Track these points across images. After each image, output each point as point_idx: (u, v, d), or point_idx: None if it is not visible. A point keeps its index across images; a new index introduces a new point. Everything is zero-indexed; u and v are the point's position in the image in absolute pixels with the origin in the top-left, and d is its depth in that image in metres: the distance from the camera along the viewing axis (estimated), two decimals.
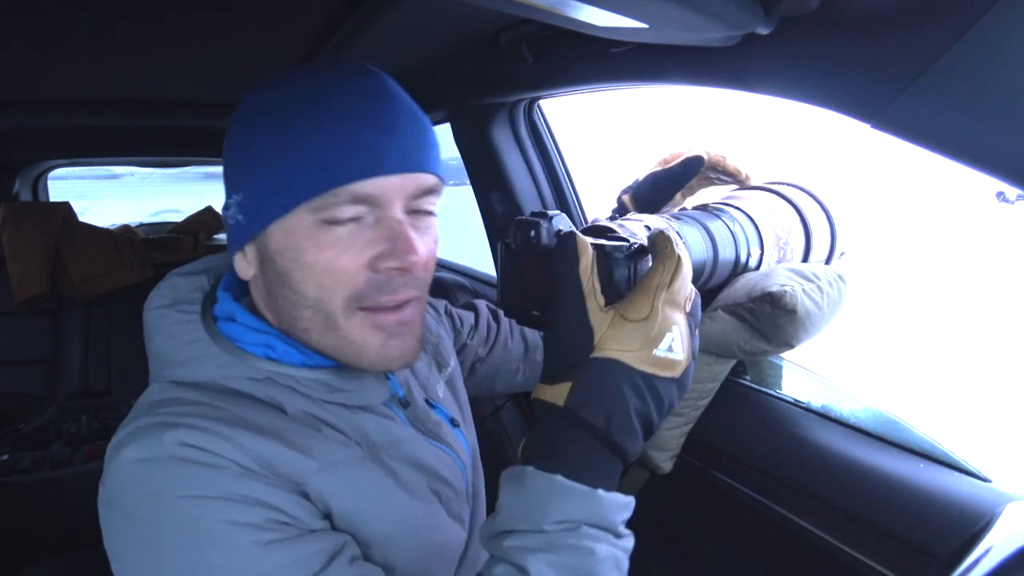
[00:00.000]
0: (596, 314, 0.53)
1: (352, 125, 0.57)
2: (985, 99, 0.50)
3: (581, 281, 0.54)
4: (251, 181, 0.59)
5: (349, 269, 0.58)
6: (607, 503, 0.50)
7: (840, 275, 0.96)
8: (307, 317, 0.61)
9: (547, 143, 1.46)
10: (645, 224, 0.86)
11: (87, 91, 1.47)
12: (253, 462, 0.55)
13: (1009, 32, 0.47)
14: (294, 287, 0.60)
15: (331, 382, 0.64)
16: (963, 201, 5.55)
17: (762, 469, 0.95)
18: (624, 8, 0.54)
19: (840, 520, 0.83)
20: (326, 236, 0.57)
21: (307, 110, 0.57)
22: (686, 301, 0.55)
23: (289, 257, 0.59)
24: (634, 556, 0.54)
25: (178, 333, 0.63)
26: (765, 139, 2.78)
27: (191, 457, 0.53)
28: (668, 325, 0.52)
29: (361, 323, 0.60)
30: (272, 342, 0.63)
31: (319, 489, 0.58)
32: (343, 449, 0.62)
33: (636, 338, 0.51)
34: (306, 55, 1.21)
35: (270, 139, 0.58)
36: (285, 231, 0.58)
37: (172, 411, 0.56)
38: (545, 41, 0.99)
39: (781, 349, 0.93)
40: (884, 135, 0.59)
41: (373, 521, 0.61)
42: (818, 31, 0.61)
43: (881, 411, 0.88)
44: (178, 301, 0.65)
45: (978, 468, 0.77)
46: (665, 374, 0.52)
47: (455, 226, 2.41)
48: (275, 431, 0.58)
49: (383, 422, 0.68)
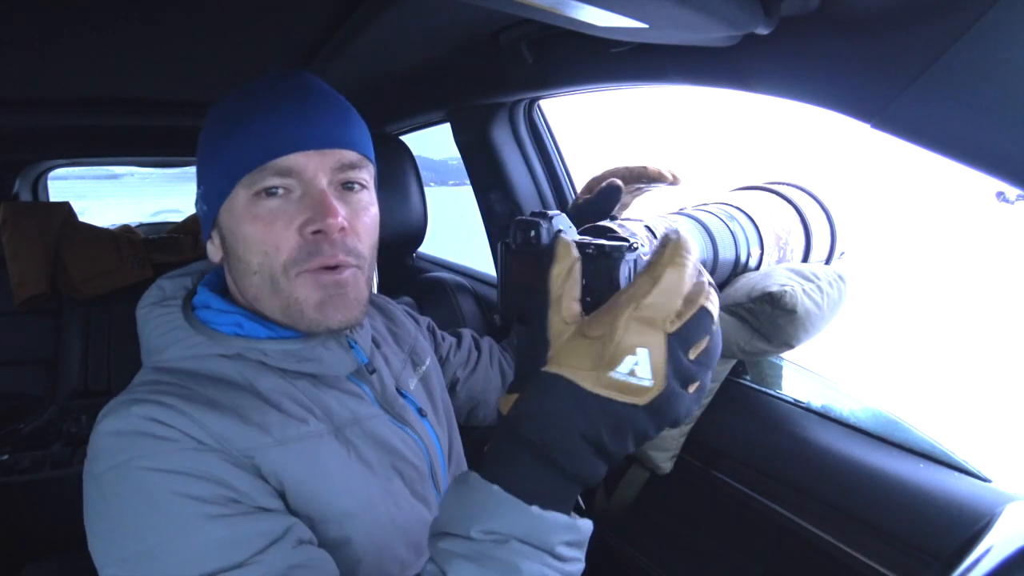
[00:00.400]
0: (557, 325, 0.51)
1: (275, 114, 0.66)
2: (985, 99, 0.50)
3: (550, 287, 0.53)
4: (205, 173, 0.70)
5: (282, 236, 0.65)
6: (542, 521, 0.47)
7: (840, 275, 0.96)
8: (256, 284, 0.68)
9: (547, 143, 1.46)
10: (645, 224, 0.86)
11: (87, 91, 1.47)
12: (209, 437, 0.60)
13: (1009, 32, 0.47)
14: (242, 257, 0.67)
15: (297, 352, 0.70)
16: (963, 201, 5.55)
17: (762, 469, 0.95)
18: (624, 8, 0.54)
19: (840, 520, 0.83)
20: (259, 208, 0.65)
21: (242, 108, 0.67)
22: (670, 320, 0.48)
23: (234, 232, 0.67)
24: (634, 556, 0.54)
25: (160, 324, 0.70)
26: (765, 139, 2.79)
27: (152, 431, 0.58)
28: (630, 346, 0.47)
29: (303, 283, 0.67)
30: (240, 320, 0.70)
31: (272, 464, 0.62)
32: (302, 426, 0.66)
33: (588, 357, 0.48)
34: (306, 55, 1.22)
35: (216, 136, 0.68)
36: (230, 211, 0.67)
37: (145, 389, 0.63)
38: (545, 41, 0.99)
39: (781, 349, 0.93)
40: (884, 135, 0.59)
41: (329, 496, 0.65)
42: (818, 31, 0.61)
43: (881, 411, 0.88)
44: (164, 299, 0.73)
45: (978, 468, 0.77)
46: (625, 399, 0.47)
47: (456, 226, 2.41)
48: (236, 408, 0.64)
49: (348, 399, 0.73)
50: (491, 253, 1.59)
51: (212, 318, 0.71)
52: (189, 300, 0.74)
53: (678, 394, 0.48)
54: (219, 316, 0.71)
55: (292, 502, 0.63)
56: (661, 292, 0.48)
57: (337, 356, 0.73)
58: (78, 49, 1.12)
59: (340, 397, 0.72)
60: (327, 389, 0.72)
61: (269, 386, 0.68)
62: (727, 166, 9.66)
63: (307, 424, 0.67)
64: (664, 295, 0.48)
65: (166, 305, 0.71)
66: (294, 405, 0.68)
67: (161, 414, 0.59)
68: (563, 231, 0.72)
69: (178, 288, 0.74)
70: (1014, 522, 0.39)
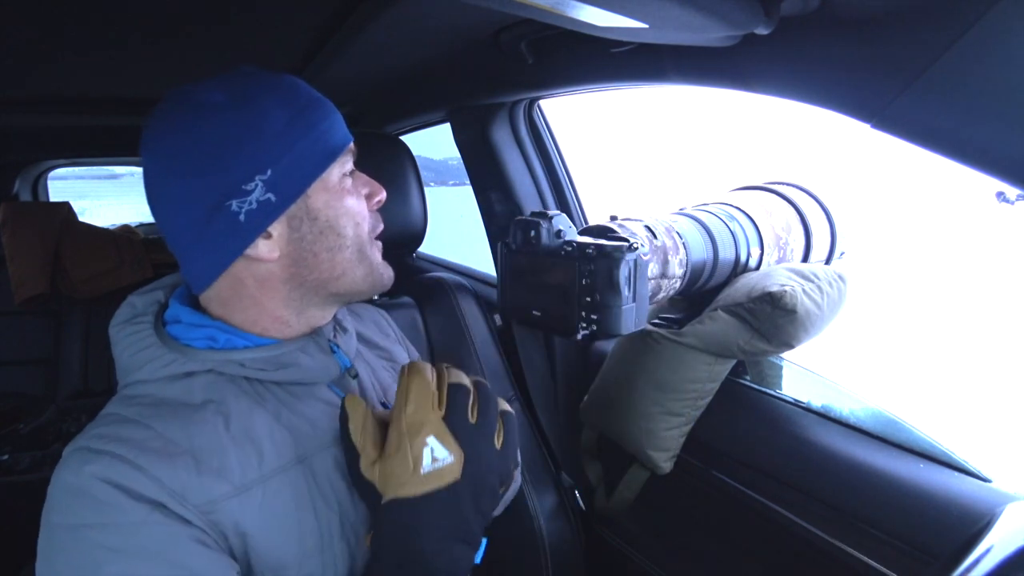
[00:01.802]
0: (368, 468, 0.62)
1: (322, 107, 0.70)
2: (985, 99, 0.50)
3: (353, 443, 0.63)
4: (279, 158, 0.65)
5: (363, 208, 0.72)
6: None
7: (840, 275, 0.96)
8: (347, 258, 0.71)
9: (547, 143, 1.46)
10: (645, 224, 0.86)
11: (87, 91, 1.47)
12: (165, 494, 0.58)
13: (1009, 33, 0.47)
14: (340, 231, 0.70)
15: (275, 358, 0.69)
16: (964, 201, 5.55)
17: (762, 469, 0.95)
18: (624, 8, 0.54)
19: (840, 520, 0.83)
20: (347, 184, 0.71)
21: (299, 98, 0.68)
22: (434, 408, 0.62)
23: (333, 206, 0.69)
24: (633, 555, 0.55)
25: (132, 343, 0.69)
26: (765, 139, 2.79)
27: (106, 498, 0.57)
28: (420, 442, 0.60)
29: (376, 249, 0.74)
30: (214, 334, 0.69)
31: (232, 515, 0.61)
32: (264, 464, 0.65)
33: (400, 470, 0.59)
34: (307, 54, 1.22)
35: (285, 125, 0.66)
36: (325, 187, 0.69)
37: (104, 432, 0.61)
38: (545, 41, 0.99)
39: (781, 349, 0.93)
40: (884, 135, 0.59)
41: (288, 539, 0.64)
42: (818, 31, 0.61)
43: (881, 411, 0.88)
44: (135, 316, 0.71)
45: (978, 468, 0.77)
46: (444, 482, 0.60)
47: (457, 226, 2.41)
48: (195, 452, 0.62)
49: (323, 417, 0.71)
50: (491, 253, 1.59)
51: (183, 333, 0.69)
52: (161, 316, 0.72)
53: (485, 451, 0.62)
54: (191, 331, 0.69)
55: (254, 551, 0.62)
56: (416, 395, 0.61)
57: (318, 361, 0.72)
58: (78, 49, 1.12)
59: (314, 416, 0.70)
60: (302, 403, 0.71)
61: (239, 409, 0.66)
62: (727, 166, 9.66)
63: (269, 460, 0.65)
64: (419, 396, 0.61)
65: (137, 323, 0.70)
66: (262, 435, 0.66)
67: (115, 474, 0.57)
68: (563, 230, 0.72)
69: (149, 304, 0.73)
70: (1014, 522, 0.39)
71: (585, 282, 0.69)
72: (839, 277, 0.96)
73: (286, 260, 0.69)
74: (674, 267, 0.86)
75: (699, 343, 0.96)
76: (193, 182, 0.63)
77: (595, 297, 0.69)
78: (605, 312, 0.69)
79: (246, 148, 0.64)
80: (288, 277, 0.70)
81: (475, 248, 1.66)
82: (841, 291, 0.95)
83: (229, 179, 0.64)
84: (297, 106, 0.68)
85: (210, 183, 0.63)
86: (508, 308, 0.75)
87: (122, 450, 0.59)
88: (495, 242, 1.55)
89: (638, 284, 0.70)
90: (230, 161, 0.64)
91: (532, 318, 0.69)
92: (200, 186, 0.63)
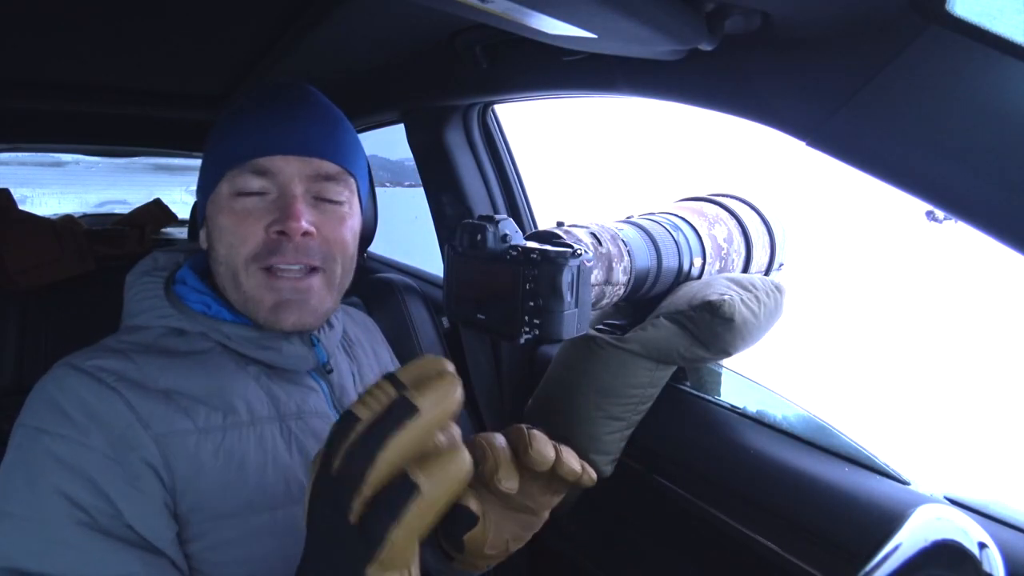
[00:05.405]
0: None
1: (266, 117, 0.70)
2: (908, 124, 0.53)
3: None
4: (203, 164, 0.75)
5: (250, 232, 0.69)
6: None
7: (778, 286, 1.00)
8: (221, 273, 0.72)
9: (500, 148, 1.47)
10: (591, 231, 0.87)
11: (31, 73, 1.41)
12: (133, 416, 0.61)
13: (930, 63, 0.50)
14: (214, 247, 0.72)
15: (258, 339, 0.72)
16: (896, 219, 5.83)
17: (699, 472, 0.97)
18: (573, 18, 0.55)
19: (770, 521, 0.86)
20: (236, 204, 0.69)
21: (242, 108, 0.72)
22: None
23: (212, 222, 0.72)
24: (575, 557, 0.55)
25: (141, 290, 0.74)
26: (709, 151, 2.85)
27: (72, 414, 0.60)
28: None
29: (259, 282, 0.70)
30: (208, 301, 0.73)
31: (187, 448, 0.63)
32: (230, 415, 0.67)
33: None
34: (261, 49, 1.20)
35: (216, 132, 0.74)
36: (213, 203, 0.71)
37: (91, 355, 0.66)
38: (500, 47, 1.00)
39: (719, 356, 0.96)
40: (819, 153, 0.61)
41: (236, 490, 0.65)
42: (759, 50, 0.63)
43: (811, 416, 0.92)
44: (155, 269, 0.77)
45: (898, 471, 0.81)
46: None
47: (411, 227, 2.39)
48: (168, 390, 0.65)
49: (299, 392, 0.74)
50: (441, 255, 1.59)
51: (186, 294, 0.74)
52: (174, 274, 0.77)
53: None
54: (192, 294, 0.74)
55: (198, 492, 0.63)
56: None
57: (297, 350, 0.74)
58: (22, 29, 1.07)
59: (290, 389, 0.74)
60: (280, 381, 0.73)
61: (219, 364, 0.70)
62: (674, 177, 9.86)
63: (240, 414, 0.68)
64: None
65: (153, 275, 0.75)
66: (235, 391, 0.69)
67: (90, 393, 0.61)
68: (509, 235, 0.73)
69: (170, 261, 0.78)
70: (922, 523, 0.41)
71: (529, 287, 0.69)
72: (776, 288, 0.99)
73: (208, 255, 0.75)
74: (618, 274, 0.88)
75: (641, 349, 0.98)
76: (206, 160, 0.74)
77: (538, 301, 0.70)
78: (547, 316, 0.70)
79: (207, 144, 0.74)
80: (214, 270, 0.75)
81: (429, 250, 1.65)
82: (778, 302, 0.98)
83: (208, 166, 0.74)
84: (236, 108, 0.72)
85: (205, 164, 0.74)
86: (454, 310, 0.75)
87: (103, 373, 0.63)
88: (444, 244, 1.55)
89: (581, 290, 0.71)
90: (210, 150, 0.74)
91: (477, 321, 0.69)
92: (207, 163, 0.74)
